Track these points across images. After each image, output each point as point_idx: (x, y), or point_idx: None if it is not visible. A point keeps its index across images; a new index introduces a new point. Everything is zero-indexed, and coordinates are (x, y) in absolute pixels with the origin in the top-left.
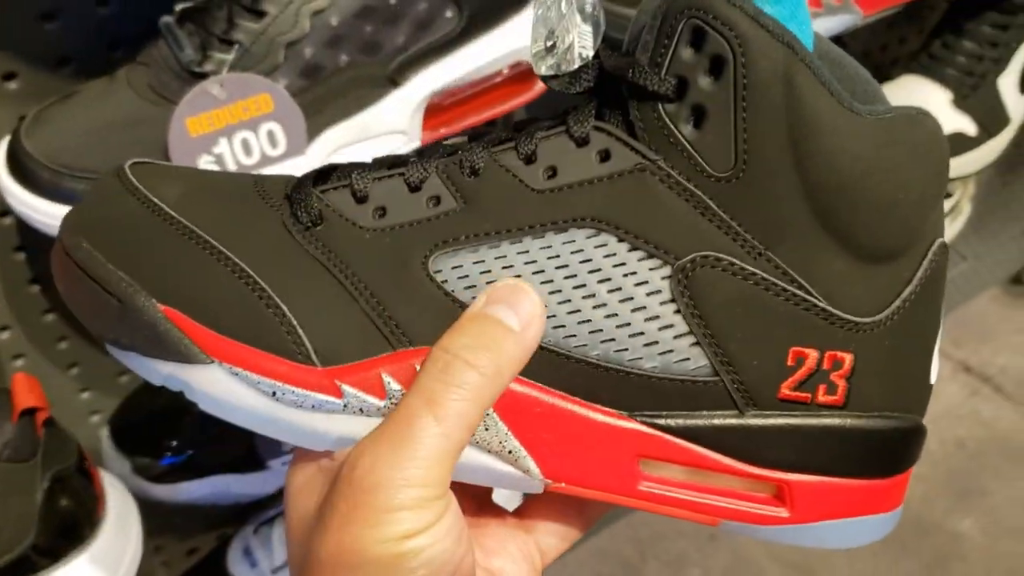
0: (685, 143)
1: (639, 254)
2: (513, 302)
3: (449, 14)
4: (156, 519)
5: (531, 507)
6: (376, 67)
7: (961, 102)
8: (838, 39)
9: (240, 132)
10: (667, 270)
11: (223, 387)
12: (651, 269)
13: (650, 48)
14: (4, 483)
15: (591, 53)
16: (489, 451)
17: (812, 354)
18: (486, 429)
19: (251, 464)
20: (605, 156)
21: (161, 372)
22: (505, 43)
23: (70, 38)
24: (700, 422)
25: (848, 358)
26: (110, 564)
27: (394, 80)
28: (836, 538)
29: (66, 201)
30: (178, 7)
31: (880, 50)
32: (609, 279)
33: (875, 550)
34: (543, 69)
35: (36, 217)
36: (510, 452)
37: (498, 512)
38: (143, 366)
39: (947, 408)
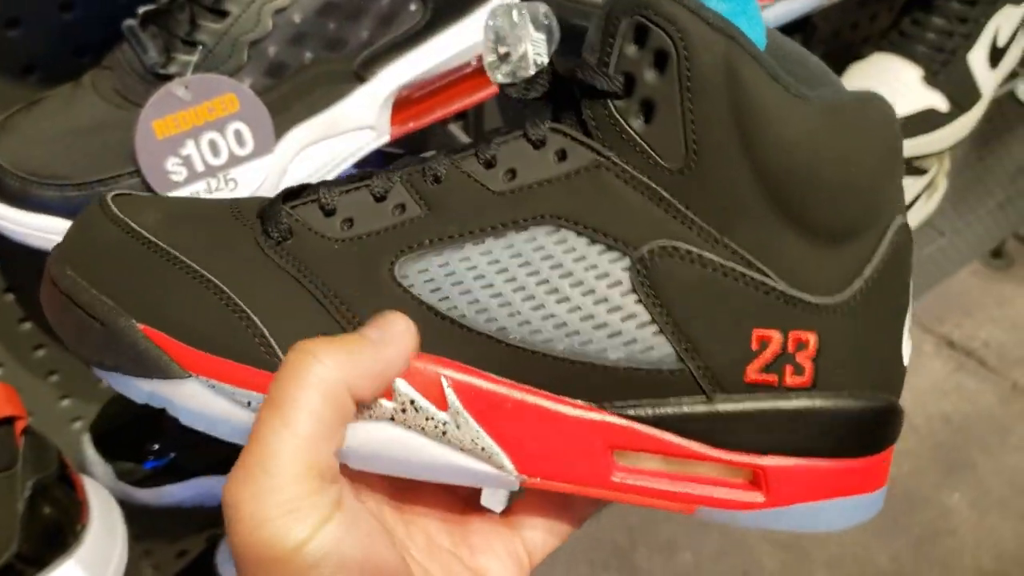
0: (636, 137)
1: (599, 247)
2: (381, 324)
3: (413, 7)
4: (144, 523)
5: (517, 506)
6: (341, 63)
7: (932, 78)
8: (807, 18)
9: (207, 133)
10: (626, 261)
11: (201, 401)
12: (611, 262)
13: (597, 47)
14: None
15: (545, 60)
16: (462, 449)
17: (776, 336)
18: (457, 427)
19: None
20: (562, 156)
21: (144, 390)
22: (471, 35)
23: (34, 45)
24: (669, 410)
25: (812, 338)
26: (96, 569)
27: (360, 76)
28: (818, 521)
29: (36, 209)
30: (141, 10)
31: (851, 28)
32: (571, 274)
33: (865, 527)
34: (499, 78)
35: (6, 226)
36: (483, 449)
37: (484, 511)
38: (127, 385)
39: (932, 383)
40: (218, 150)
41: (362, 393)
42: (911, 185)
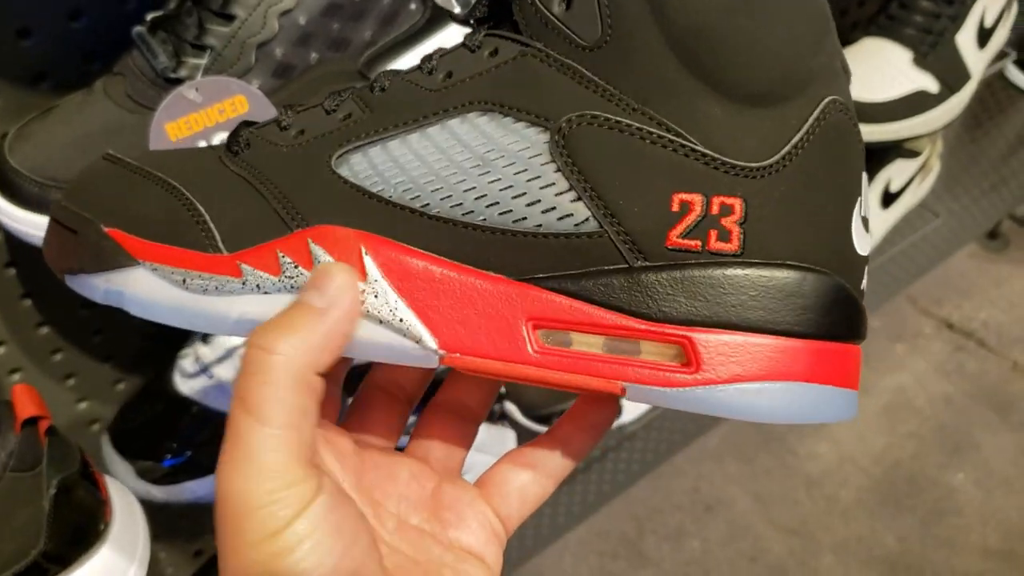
0: (557, 22)
1: (522, 124)
2: (319, 283)
3: (414, 6)
4: (162, 522)
5: (488, 476)
6: (346, 62)
7: (921, 60)
8: None
9: (218, 133)
10: (548, 135)
11: (145, 285)
12: (533, 136)
13: None
14: (11, 493)
15: None
16: (380, 321)
17: (697, 199)
18: (375, 296)
19: None
20: (494, 53)
21: (101, 287)
22: None
23: (45, 54)
24: (589, 280)
25: (738, 203)
26: (121, 566)
27: (364, 74)
28: (758, 406)
29: None
30: (149, 16)
31: (840, 14)
32: (493, 149)
33: (871, 509)
34: (449, 6)
35: (26, 231)
36: (401, 320)
37: (457, 484)
38: (88, 285)
39: (933, 365)
40: None
41: (323, 364)
42: (905, 167)
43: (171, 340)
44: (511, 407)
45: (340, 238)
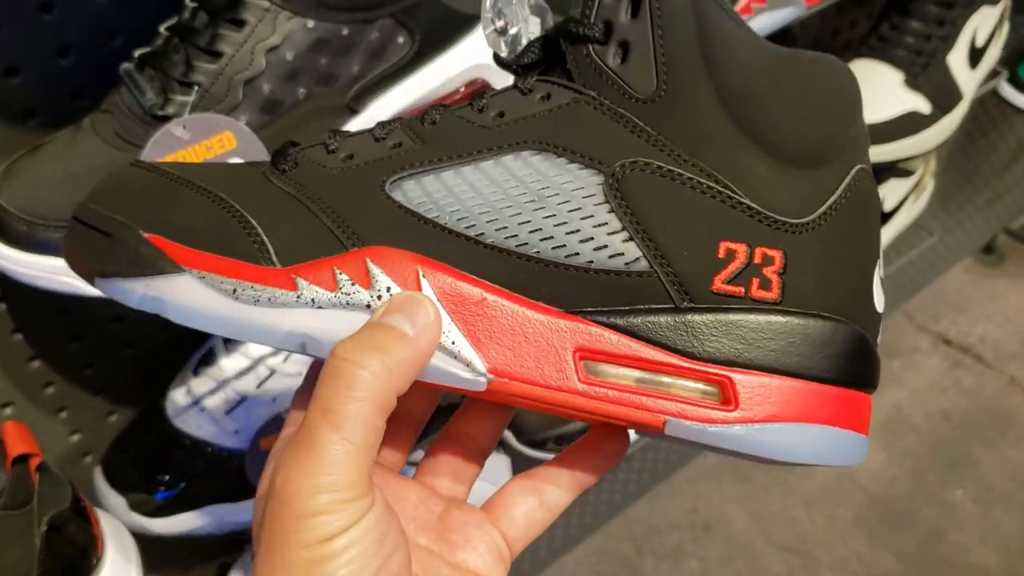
0: (612, 75)
1: (576, 165)
2: (409, 311)
3: (401, 40)
4: (155, 555)
5: (496, 500)
6: (334, 97)
7: (913, 81)
8: (787, 29)
9: None
10: (601, 177)
11: (190, 293)
12: (587, 176)
13: (581, 2)
14: (2, 531)
15: (538, 32)
16: None
17: (742, 248)
18: None
19: (243, 493)
20: (547, 97)
21: (138, 292)
22: (459, 63)
23: (33, 91)
24: (637, 318)
25: (778, 255)
26: None
27: (352, 108)
28: (790, 447)
29: (42, 251)
30: (136, 53)
31: (832, 35)
32: (548, 186)
33: (870, 527)
34: (500, 48)
35: (15, 269)
36: (453, 343)
37: (464, 508)
38: (122, 289)
39: (930, 381)
40: None
41: (403, 388)
42: (898, 187)
43: (163, 373)
44: (506, 432)
45: (398, 260)
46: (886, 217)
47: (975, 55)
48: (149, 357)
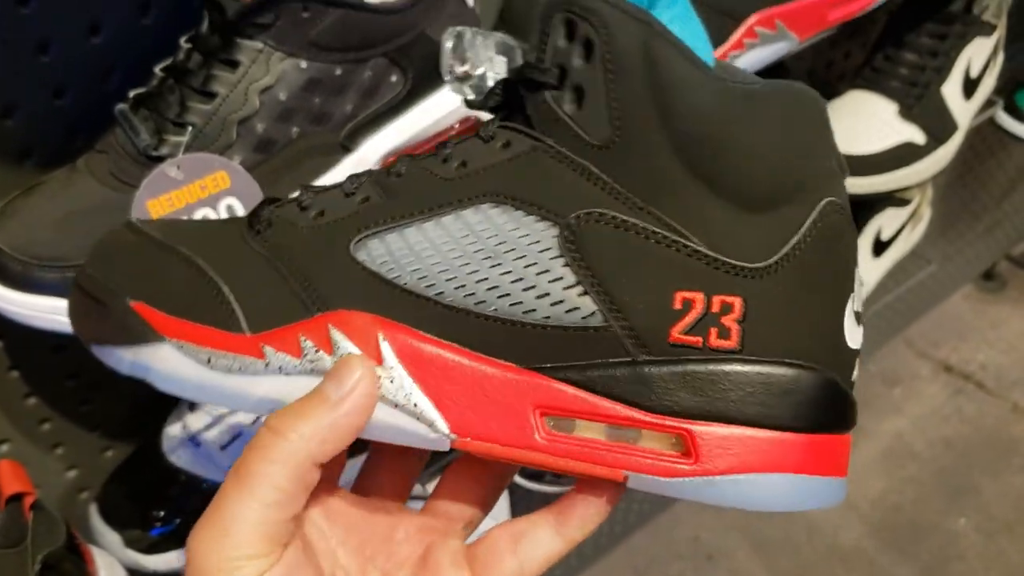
0: (568, 120)
1: (532, 218)
2: (338, 376)
3: (394, 78)
4: None
5: (481, 551)
6: (327, 135)
7: (907, 112)
8: (780, 63)
9: (200, 209)
10: (556, 229)
11: (171, 362)
12: (542, 229)
13: (536, 47)
14: None
15: (502, 74)
16: (396, 405)
17: (699, 297)
18: (391, 381)
19: None
20: (506, 145)
21: (127, 359)
22: (452, 101)
23: (30, 131)
24: (594, 371)
25: (738, 302)
26: None
27: (346, 146)
28: (754, 496)
29: (38, 291)
30: (131, 93)
31: (825, 67)
32: (505, 241)
33: (872, 556)
34: (463, 93)
35: (10, 308)
36: (416, 405)
37: (447, 551)
38: (115, 356)
39: (931, 408)
40: None
41: (326, 455)
42: (895, 216)
43: (158, 409)
44: None
45: (358, 325)
46: (884, 246)
47: (969, 86)
48: (144, 393)
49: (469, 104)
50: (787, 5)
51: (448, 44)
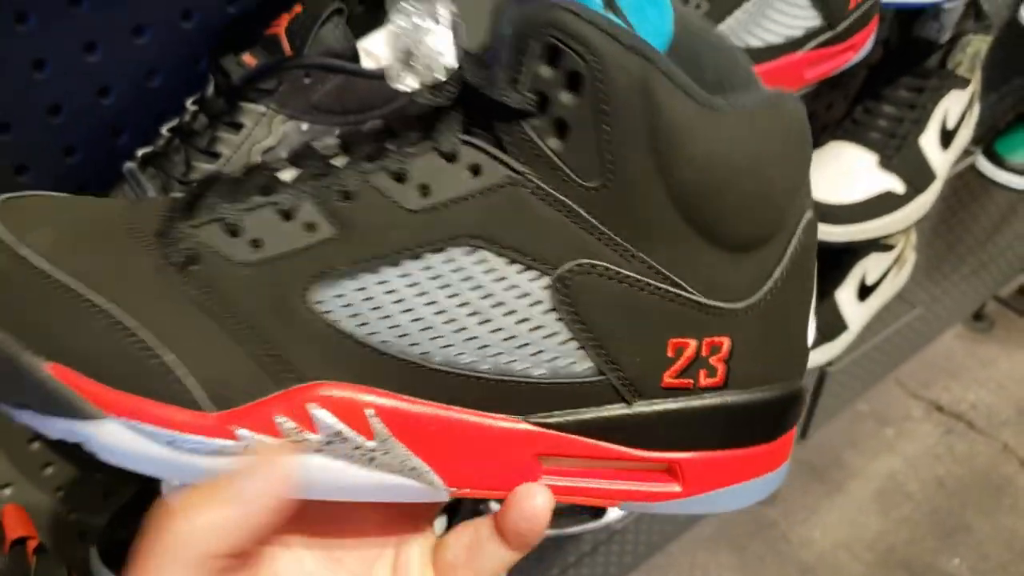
0: (552, 156)
1: (518, 267)
2: (252, 471)
3: None
4: None
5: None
6: None
7: (887, 163)
8: None
9: None
10: (546, 280)
11: (121, 440)
12: (531, 280)
13: (508, 65)
14: None
15: (451, 60)
16: (392, 471)
17: (690, 343)
18: (386, 453)
19: None
20: (476, 171)
21: (58, 428)
22: None
23: (41, 188)
24: (589, 417)
25: (725, 342)
26: None
27: None
28: (727, 502)
29: None
30: (139, 152)
31: (808, 118)
32: (492, 295)
33: None
34: (404, 84)
35: None
36: (412, 469)
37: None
38: (41, 423)
39: (923, 448)
40: None
41: (230, 550)
42: (880, 260)
43: None
44: None
45: (342, 401)
46: (869, 290)
47: (946, 136)
48: None
49: (413, 96)
50: (764, 65)
51: (392, 28)
